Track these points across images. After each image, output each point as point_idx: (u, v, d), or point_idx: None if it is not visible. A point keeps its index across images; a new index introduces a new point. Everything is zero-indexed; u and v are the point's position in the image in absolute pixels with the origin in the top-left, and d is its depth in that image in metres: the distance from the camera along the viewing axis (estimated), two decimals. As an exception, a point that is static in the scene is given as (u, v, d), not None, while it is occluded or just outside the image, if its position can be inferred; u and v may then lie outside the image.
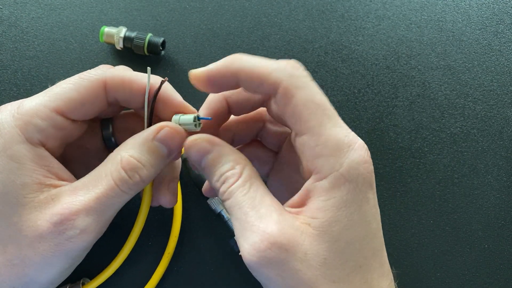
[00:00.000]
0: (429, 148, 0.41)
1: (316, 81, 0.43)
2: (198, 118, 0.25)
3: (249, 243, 0.21)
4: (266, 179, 0.31)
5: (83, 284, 0.35)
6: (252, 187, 0.22)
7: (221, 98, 0.25)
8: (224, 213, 0.37)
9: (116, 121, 0.30)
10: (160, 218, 0.38)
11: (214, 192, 0.25)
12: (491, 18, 0.43)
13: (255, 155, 0.30)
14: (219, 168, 0.23)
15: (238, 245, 0.22)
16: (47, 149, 0.24)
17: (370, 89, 0.42)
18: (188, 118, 0.25)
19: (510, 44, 0.43)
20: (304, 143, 0.22)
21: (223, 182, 0.23)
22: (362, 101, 0.41)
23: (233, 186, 0.22)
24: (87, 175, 0.24)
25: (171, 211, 0.39)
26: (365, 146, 0.23)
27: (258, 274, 0.22)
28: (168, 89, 0.26)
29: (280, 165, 0.29)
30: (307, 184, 0.23)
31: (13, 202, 0.22)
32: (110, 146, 0.31)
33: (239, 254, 0.22)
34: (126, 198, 0.24)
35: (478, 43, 0.43)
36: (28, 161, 0.22)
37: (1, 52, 0.41)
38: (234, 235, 0.36)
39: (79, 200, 0.22)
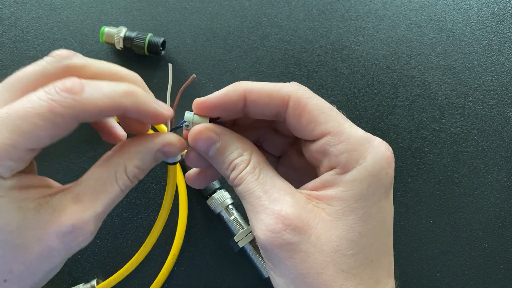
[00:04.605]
0: (429, 148, 0.41)
1: (316, 81, 0.43)
2: (211, 120, 0.25)
3: (264, 224, 0.22)
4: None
5: (97, 283, 0.36)
6: (262, 172, 0.23)
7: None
8: (223, 213, 0.37)
9: None
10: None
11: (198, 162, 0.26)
12: (491, 18, 0.43)
13: None
14: (228, 156, 0.24)
15: (252, 227, 0.23)
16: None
17: (370, 89, 0.41)
18: (204, 120, 0.25)
19: (510, 44, 0.43)
20: (326, 143, 0.23)
21: (233, 169, 0.24)
22: (362, 101, 0.41)
23: (243, 172, 0.23)
24: (85, 180, 0.23)
25: (176, 213, 0.39)
26: (386, 143, 0.23)
27: (271, 255, 0.22)
28: (141, 98, 0.23)
29: (284, 169, 0.29)
30: (326, 176, 0.23)
31: (12, 229, 0.20)
32: None
33: (255, 235, 0.22)
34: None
35: (478, 43, 0.43)
36: (7, 190, 0.21)
37: (1, 52, 0.41)
38: (233, 236, 0.36)
39: (87, 207, 0.22)
